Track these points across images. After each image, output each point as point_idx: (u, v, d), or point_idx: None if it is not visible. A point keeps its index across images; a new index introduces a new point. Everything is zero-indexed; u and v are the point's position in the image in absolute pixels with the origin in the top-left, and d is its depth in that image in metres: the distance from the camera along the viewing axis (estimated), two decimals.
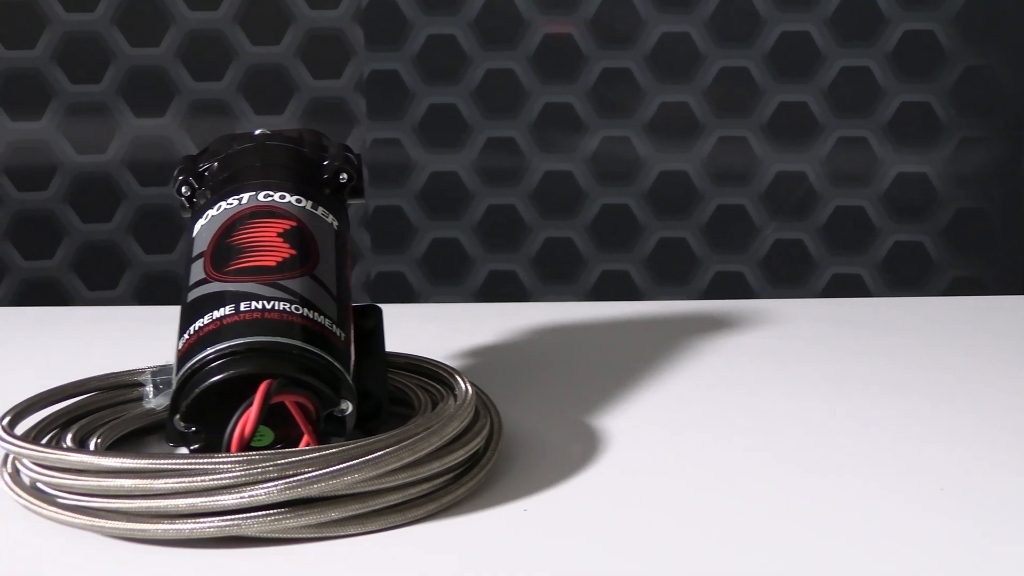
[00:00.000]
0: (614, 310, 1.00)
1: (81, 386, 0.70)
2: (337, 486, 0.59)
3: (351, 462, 0.59)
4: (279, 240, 0.68)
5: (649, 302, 1.18)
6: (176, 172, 0.73)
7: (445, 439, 0.63)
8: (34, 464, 0.62)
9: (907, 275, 1.35)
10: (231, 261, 0.67)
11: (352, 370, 0.66)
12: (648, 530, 0.61)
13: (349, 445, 0.60)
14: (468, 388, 0.68)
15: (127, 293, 1.36)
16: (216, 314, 0.64)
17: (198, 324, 0.64)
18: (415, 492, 0.61)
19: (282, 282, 0.66)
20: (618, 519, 0.62)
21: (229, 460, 0.59)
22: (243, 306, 0.64)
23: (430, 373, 0.73)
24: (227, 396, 0.62)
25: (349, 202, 0.75)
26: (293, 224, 0.69)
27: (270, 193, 0.70)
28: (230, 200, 0.70)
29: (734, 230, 1.36)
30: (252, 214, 0.69)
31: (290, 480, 0.58)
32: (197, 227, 0.70)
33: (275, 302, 0.64)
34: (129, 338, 0.93)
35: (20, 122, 1.33)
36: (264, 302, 0.64)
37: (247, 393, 0.61)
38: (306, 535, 0.59)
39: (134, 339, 0.92)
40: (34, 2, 1.31)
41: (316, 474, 0.58)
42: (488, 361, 0.84)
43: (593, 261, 1.37)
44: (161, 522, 0.59)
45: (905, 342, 0.90)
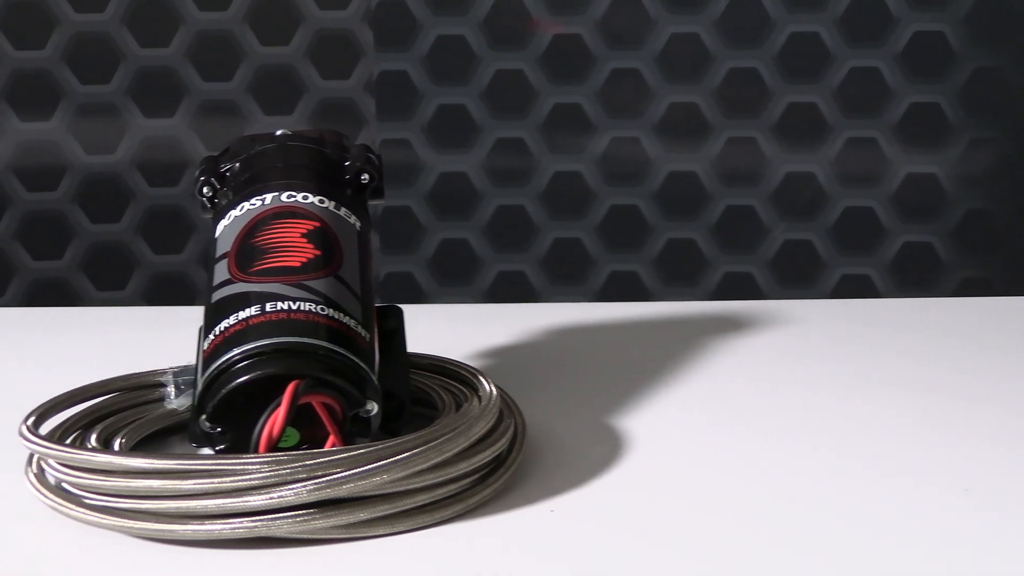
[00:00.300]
0: (626, 311, 1.00)
1: (104, 386, 0.70)
2: (366, 487, 0.59)
3: (380, 463, 0.59)
4: (303, 241, 0.68)
5: (661, 303, 1.18)
6: (197, 173, 0.73)
7: (472, 439, 0.63)
8: (60, 464, 0.62)
9: (916, 276, 1.35)
10: (256, 262, 0.67)
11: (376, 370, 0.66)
12: (676, 530, 0.61)
13: (377, 446, 0.60)
14: (492, 389, 0.68)
15: (136, 293, 1.36)
16: (242, 314, 0.64)
17: (224, 325, 0.64)
18: (442, 493, 0.61)
19: (307, 282, 0.66)
20: (646, 519, 0.62)
21: (258, 461, 0.59)
22: (269, 307, 0.64)
23: (452, 374, 0.73)
24: (253, 397, 0.62)
25: (370, 203, 0.75)
26: (317, 225, 0.69)
27: (293, 194, 0.70)
28: (253, 201, 0.70)
29: (743, 231, 1.36)
30: (275, 215, 0.69)
31: (319, 481, 0.58)
32: (220, 227, 0.70)
33: (300, 303, 0.64)
34: (142, 339, 0.93)
35: (29, 122, 1.33)
36: (290, 303, 0.64)
37: (273, 394, 0.61)
38: (334, 536, 0.59)
39: (148, 340, 0.92)
40: (43, 3, 1.31)
41: (345, 475, 0.58)
42: (503, 362, 0.84)
43: (602, 262, 1.38)
44: (189, 523, 0.59)
45: (919, 342, 0.90)
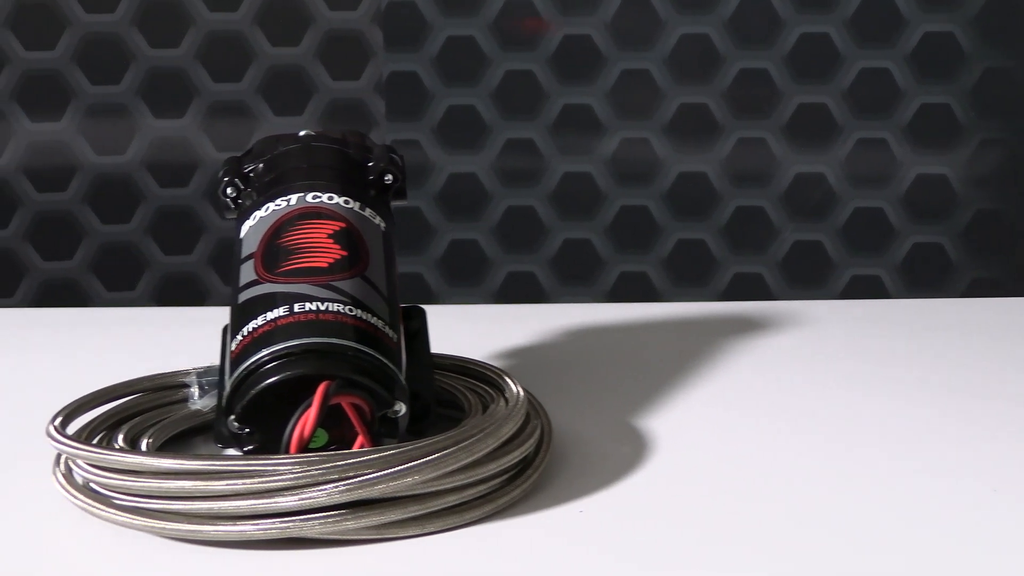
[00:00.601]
0: (638, 311, 1.00)
1: (130, 387, 0.70)
2: (398, 487, 0.59)
3: (411, 463, 0.59)
4: (329, 241, 0.68)
5: (673, 303, 1.18)
6: (221, 173, 0.73)
7: (501, 440, 0.63)
8: (89, 465, 0.62)
9: (926, 276, 1.35)
10: (283, 262, 0.67)
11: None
12: (707, 530, 0.61)
13: (408, 446, 0.60)
14: (519, 390, 0.69)
15: (146, 294, 1.36)
16: (270, 315, 0.64)
17: (252, 325, 0.64)
18: (472, 493, 0.61)
19: (334, 283, 0.66)
20: (676, 519, 0.62)
21: (289, 461, 0.59)
22: (297, 307, 0.64)
23: (477, 374, 0.73)
24: (282, 397, 0.62)
25: (392, 203, 0.75)
26: (342, 225, 0.69)
27: (318, 194, 0.70)
28: (278, 201, 0.70)
29: (753, 231, 1.36)
30: (301, 215, 0.69)
31: (351, 481, 0.58)
32: (244, 228, 0.70)
33: (328, 303, 0.64)
34: (157, 340, 0.93)
35: (40, 123, 1.33)
36: (318, 303, 0.64)
37: (302, 395, 0.61)
38: (365, 536, 0.59)
39: (163, 341, 0.92)
40: (54, 3, 1.31)
41: (377, 475, 0.58)
42: (518, 363, 0.84)
43: (611, 262, 1.38)
44: (221, 524, 0.59)
45: (933, 342, 0.90)
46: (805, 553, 0.59)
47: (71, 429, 0.66)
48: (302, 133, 0.75)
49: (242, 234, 0.70)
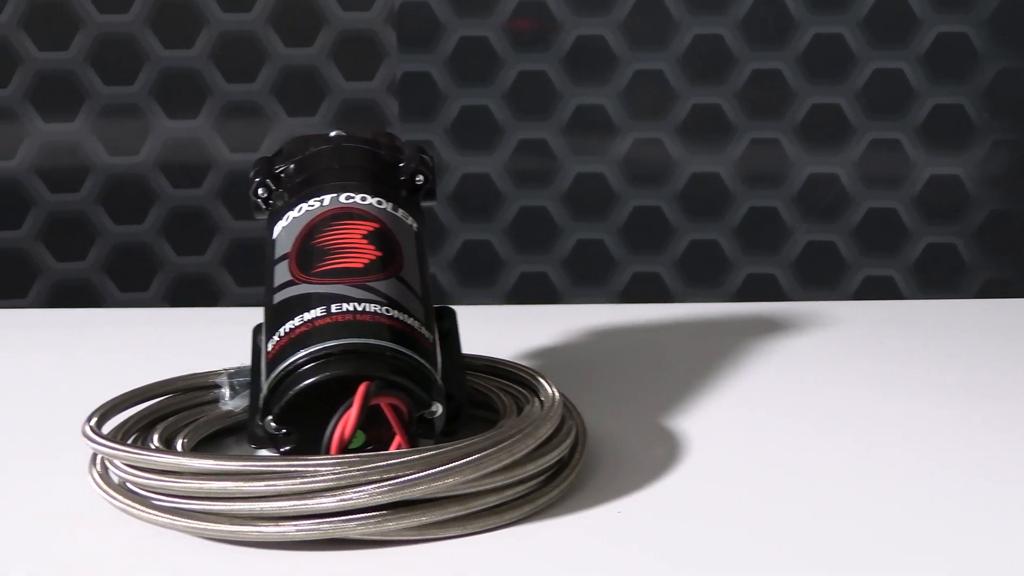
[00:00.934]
0: (654, 312, 1.00)
1: (165, 386, 0.70)
2: (439, 488, 0.59)
3: (452, 464, 0.59)
4: (364, 242, 0.68)
5: (689, 304, 1.18)
6: (252, 174, 0.73)
7: (539, 440, 0.63)
8: (127, 465, 0.62)
9: (939, 277, 1.35)
10: (318, 263, 0.67)
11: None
12: (746, 530, 0.61)
13: (448, 447, 0.60)
14: (554, 391, 0.69)
15: (159, 295, 1.36)
16: (307, 316, 0.64)
17: (289, 326, 0.64)
18: (511, 494, 0.61)
19: (370, 284, 0.66)
20: (714, 519, 0.63)
21: (330, 462, 0.59)
22: (334, 308, 0.64)
23: (510, 375, 0.73)
24: (319, 398, 0.62)
25: (422, 203, 0.75)
26: (376, 226, 0.69)
27: (351, 195, 0.70)
28: (311, 202, 0.70)
29: (766, 232, 1.36)
30: (334, 216, 0.69)
31: (393, 482, 0.58)
32: (277, 229, 0.70)
33: (365, 304, 0.65)
34: (174, 341, 0.93)
35: (53, 123, 1.33)
36: (355, 304, 0.64)
37: (339, 395, 0.61)
38: (406, 537, 0.59)
39: (180, 341, 0.92)
40: (67, 4, 1.31)
41: (418, 476, 0.58)
42: (540, 364, 0.84)
43: (624, 263, 1.37)
44: (262, 524, 0.59)
45: (951, 343, 0.91)
46: (840, 552, 0.59)
47: (104, 430, 0.66)
48: (333, 134, 0.75)
49: (275, 235, 0.70)
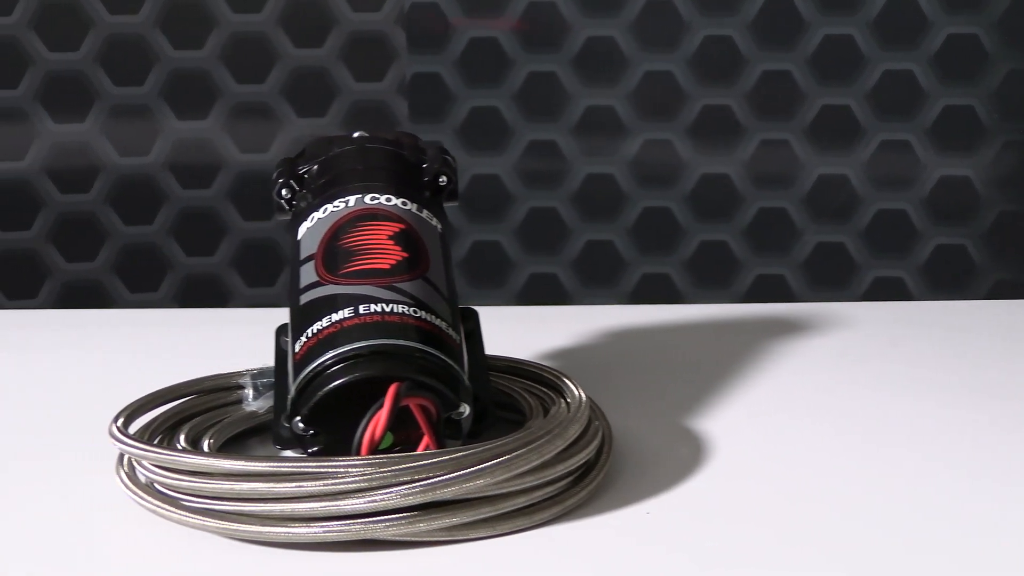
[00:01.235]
0: (668, 313, 1.00)
1: (191, 386, 0.70)
2: (470, 489, 0.59)
3: (483, 465, 0.59)
4: (390, 243, 0.68)
5: (703, 305, 1.18)
6: (275, 175, 0.73)
7: (568, 442, 0.63)
8: (154, 466, 0.62)
9: (949, 278, 1.36)
10: (344, 264, 0.67)
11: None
12: (776, 530, 0.62)
13: (478, 448, 0.60)
14: (580, 392, 0.69)
15: (168, 295, 1.36)
16: (335, 317, 0.64)
17: (316, 327, 0.64)
18: (540, 495, 0.61)
19: (397, 285, 0.66)
20: (741, 520, 0.63)
21: (360, 463, 0.59)
22: (362, 309, 0.64)
23: (534, 376, 0.73)
24: (347, 399, 0.62)
25: (444, 204, 0.75)
26: (402, 227, 0.69)
27: (376, 196, 0.70)
28: (336, 203, 0.70)
29: (775, 233, 1.36)
30: (359, 217, 0.69)
31: (424, 483, 0.58)
32: (302, 230, 0.70)
33: (393, 305, 0.64)
34: (186, 341, 0.93)
35: (63, 124, 1.33)
36: (383, 305, 0.64)
37: (367, 396, 0.61)
38: (436, 538, 0.59)
39: (191, 342, 0.92)
40: (78, 4, 1.31)
41: (449, 477, 0.58)
42: (557, 366, 0.84)
43: (634, 264, 1.38)
44: (292, 525, 0.59)
45: (966, 344, 0.91)
46: (867, 553, 0.59)
47: (129, 430, 0.66)
48: (356, 135, 0.75)
49: (299, 235, 0.70)
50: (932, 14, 1.32)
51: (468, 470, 0.59)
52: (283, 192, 0.73)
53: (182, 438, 0.66)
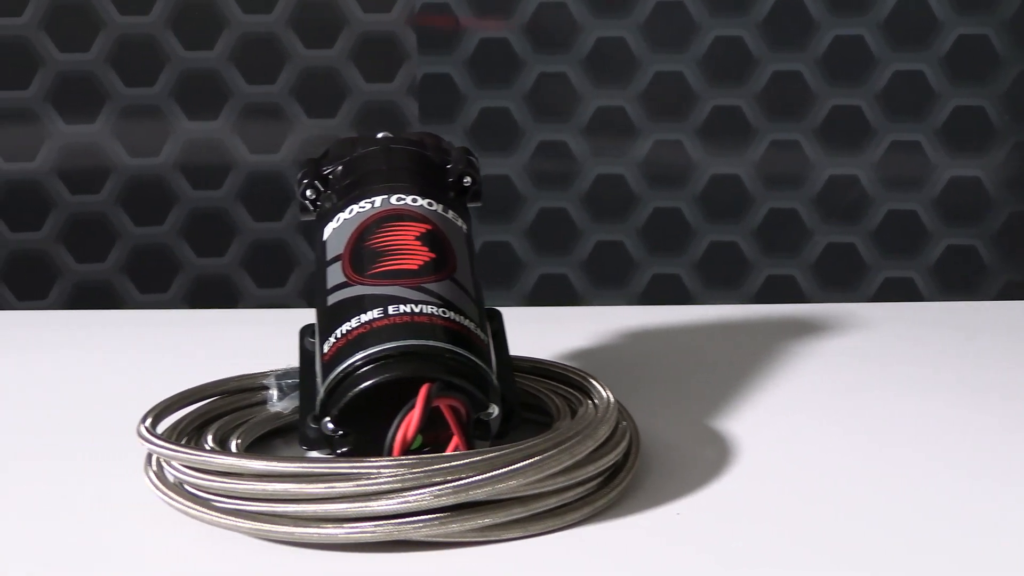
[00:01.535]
0: (680, 314, 1.00)
1: (218, 387, 0.70)
2: (502, 490, 0.59)
3: (514, 466, 0.59)
4: (417, 243, 0.68)
5: (715, 306, 1.18)
6: (300, 176, 0.73)
7: (598, 442, 0.63)
8: (184, 466, 0.62)
9: (959, 279, 1.36)
10: (371, 265, 0.67)
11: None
12: (805, 530, 0.61)
13: (509, 449, 0.60)
14: (608, 393, 0.69)
15: (178, 296, 1.36)
16: (364, 317, 0.64)
17: (345, 328, 0.64)
18: (571, 496, 0.61)
19: (425, 285, 0.66)
20: (770, 520, 0.63)
21: (392, 464, 0.59)
22: (391, 310, 0.64)
23: (560, 377, 0.73)
24: (377, 400, 0.62)
25: (468, 205, 0.75)
26: (428, 228, 0.69)
27: (402, 196, 0.70)
28: (361, 204, 0.70)
29: (785, 234, 1.36)
30: (386, 218, 0.69)
31: (456, 484, 0.58)
32: (328, 231, 0.70)
33: (422, 305, 0.64)
34: (197, 341, 0.93)
35: (73, 125, 1.33)
36: (411, 305, 0.64)
37: (396, 397, 0.61)
38: (468, 539, 0.59)
39: (202, 342, 0.92)
40: (88, 5, 1.31)
41: (481, 478, 0.58)
42: (582, 366, 0.84)
43: (644, 264, 1.38)
44: (323, 526, 0.59)
45: (982, 345, 0.91)
46: (898, 554, 0.60)
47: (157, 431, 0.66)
48: (380, 135, 0.75)
49: (325, 236, 0.70)
50: (942, 15, 1.32)
51: (500, 471, 0.59)
52: (308, 193, 0.73)
53: (210, 439, 0.66)
